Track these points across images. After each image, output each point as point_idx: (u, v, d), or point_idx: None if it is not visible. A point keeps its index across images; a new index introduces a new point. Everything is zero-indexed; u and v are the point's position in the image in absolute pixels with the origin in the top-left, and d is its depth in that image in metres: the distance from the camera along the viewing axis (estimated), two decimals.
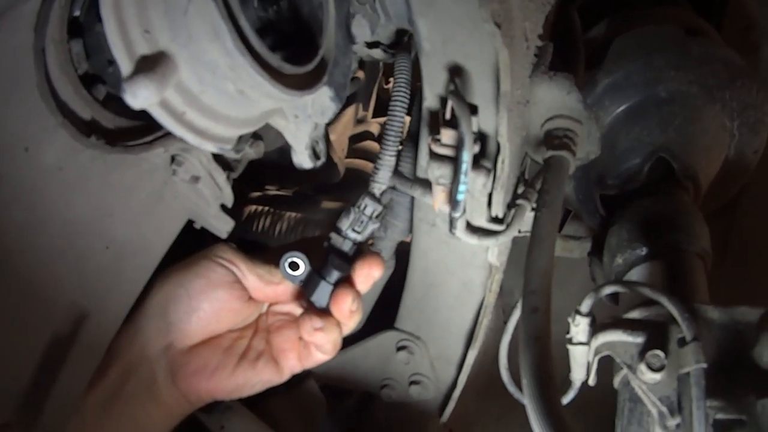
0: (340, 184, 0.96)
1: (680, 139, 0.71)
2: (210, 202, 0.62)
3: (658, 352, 0.49)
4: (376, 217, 0.59)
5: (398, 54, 0.61)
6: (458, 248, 0.67)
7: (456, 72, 0.53)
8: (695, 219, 0.65)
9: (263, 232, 0.93)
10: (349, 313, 0.59)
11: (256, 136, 0.66)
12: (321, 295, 0.59)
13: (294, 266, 0.59)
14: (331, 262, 0.59)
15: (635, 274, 0.62)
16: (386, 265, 0.73)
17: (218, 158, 0.61)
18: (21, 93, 0.44)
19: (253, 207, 0.95)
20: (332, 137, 0.94)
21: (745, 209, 0.93)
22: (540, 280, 0.46)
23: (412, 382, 0.77)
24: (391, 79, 0.93)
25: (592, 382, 0.57)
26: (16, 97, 0.44)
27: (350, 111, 1.02)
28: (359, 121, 1.02)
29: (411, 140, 0.69)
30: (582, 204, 0.77)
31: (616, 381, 0.55)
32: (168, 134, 0.54)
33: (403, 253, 0.76)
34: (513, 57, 0.48)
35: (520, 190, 0.60)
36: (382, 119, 1.00)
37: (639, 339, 0.51)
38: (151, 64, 0.40)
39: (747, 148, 0.79)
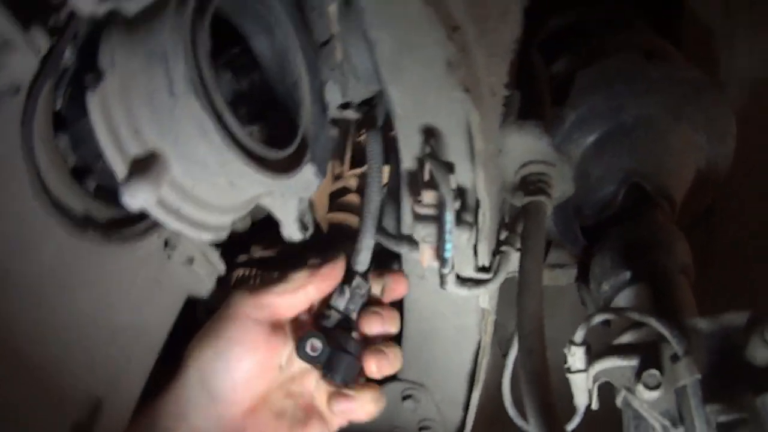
0: (323, 238, 1.01)
1: (650, 162, 0.78)
2: (205, 281, 0.67)
3: (653, 371, 0.54)
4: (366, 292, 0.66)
5: (368, 135, 0.68)
6: (449, 297, 0.72)
7: (430, 133, 0.58)
8: (673, 236, 0.72)
9: None
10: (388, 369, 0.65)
11: None
12: (349, 369, 0.64)
13: (313, 348, 0.63)
14: (343, 337, 0.64)
15: (622, 299, 0.68)
16: None
17: None
18: (13, 192, 0.47)
19: (241, 271, 1.00)
20: (312, 197, 1.00)
21: (722, 216, 1.00)
22: (532, 323, 0.52)
23: (421, 428, 0.81)
24: (363, 134, 1.00)
25: (594, 406, 0.62)
26: (9, 197, 0.47)
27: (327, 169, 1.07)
28: (337, 177, 1.07)
29: (391, 197, 0.74)
30: (563, 235, 0.83)
31: (618, 401, 0.60)
32: (157, 224, 0.59)
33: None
34: (483, 115, 0.54)
35: (502, 236, 0.66)
36: (358, 171, 1.06)
37: (633, 362, 0.57)
38: (144, 165, 0.44)
39: (717, 158, 0.85)
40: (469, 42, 0.51)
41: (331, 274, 0.65)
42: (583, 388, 0.63)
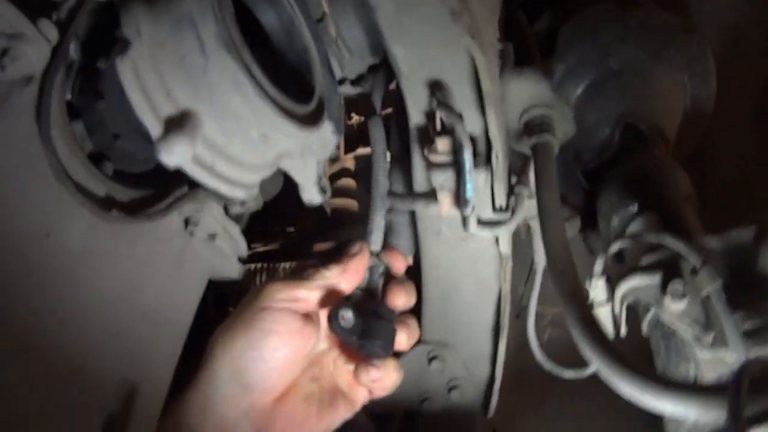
0: (326, 225, 1.03)
1: (640, 103, 0.81)
2: (229, 256, 0.68)
3: (677, 281, 0.57)
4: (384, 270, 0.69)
5: (369, 119, 0.71)
6: (467, 250, 0.75)
7: (435, 86, 0.61)
8: (673, 168, 0.75)
9: None
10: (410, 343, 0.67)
11: None
12: (384, 341, 0.65)
13: (345, 319, 0.64)
14: (373, 306, 0.66)
15: (633, 229, 0.70)
16: None
17: (227, 213, 0.68)
18: (35, 180, 0.49)
19: (246, 267, 1.01)
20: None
21: (711, 162, 1.04)
22: (559, 249, 0.54)
23: (451, 389, 0.83)
24: (354, 116, 1.02)
25: (623, 332, 0.65)
26: (32, 185, 0.49)
27: None
28: (333, 160, 1.10)
29: (397, 163, 0.77)
30: (565, 183, 0.86)
31: (644, 327, 0.63)
32: (180, 198, 0.60)
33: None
34: (487, 61, 0.57)
35: (513, 182, 0.68)
36: (354, 153, 1.08)
37: (656, 278, 0.60)
38: (178, 122, 0.46)
39: (700, 96, 0.89)
40: None
41: (361, 265, 0.67)
42: (609, 321, 0.66)
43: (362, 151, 1.12)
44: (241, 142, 0.50)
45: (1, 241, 0.47)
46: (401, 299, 0.69)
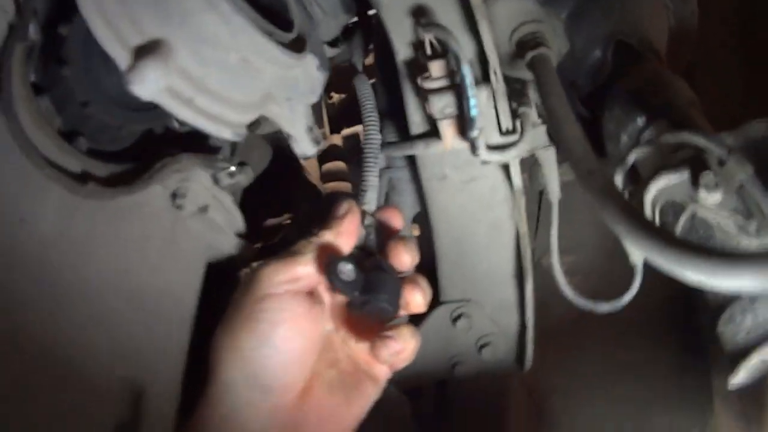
0: (322, 211, 0.99)
1: (627, 20, 0.79)
2: (225, 230, 0.64)
3: (707, 172, 0.54)
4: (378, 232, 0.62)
5: (355, 79, 0.66)
6: (475, 191, 0.71)
7: (419, 12, 0.58)
8: (671, 78, 0.72)
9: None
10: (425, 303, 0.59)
11: (241, 163, 0.69)
12: (391, 295, 0.56)
13: (345, 272, 0.55)
14: (373, 260, 0.58)
15: (646, 138, 0.67)
16: None
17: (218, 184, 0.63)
18: (2, 161, 0.45)
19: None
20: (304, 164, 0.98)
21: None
22: (581, 150, 0.51)
23: (482, 347, 0.79)
24: (334, 95, 0.99)
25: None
26: (9, 167, 0.46)
27: None
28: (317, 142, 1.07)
29: (387, 117, 0.73)
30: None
31: (679, 230, 0.59)
32: (162, 169, 0.55)
33: None
34: None
35: (514, 106, 0.65)
36: (341, 134, 1.05)
37: (685, 174, 0.56)
38: (148, 50, 0.42)
39: (683, 14, 0.88)
40: None
41: (353, 224, 0.61)
42: None
43: (349, 130, 1.09)
44: (220, 72, 0.45)
45: None
46: (404, 256, 0.60)
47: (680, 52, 0.90)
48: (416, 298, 0.59)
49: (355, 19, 0.77)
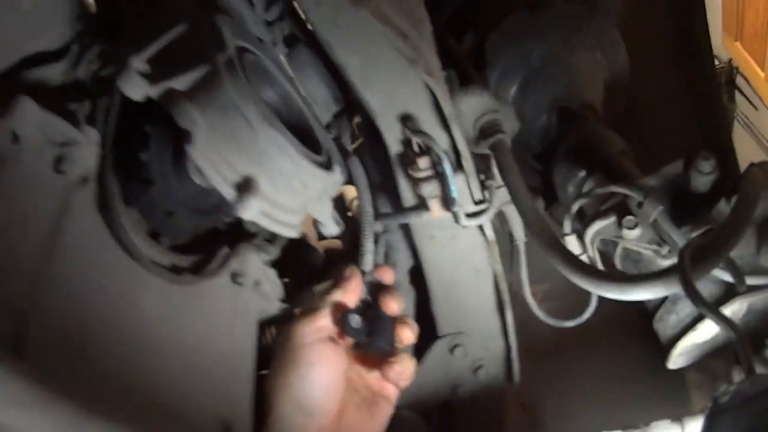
0: (321, 267, 1.35)
1: (565, 87, 1.16)
2: (272, 298, 1.00)
3: (628, 216, 0.91)
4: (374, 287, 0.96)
5: (348, 161, 1.02)
6: (458, 245, 1.08)
7: (406, 119, 0.94)
8: (604, 132, 1.08)
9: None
10: (414, 337, 0.94)
11: (269, 240, 1.05)
12: (387, 336, 0.91)
13: (356, 322, 0.89)
14: (372, 310, 0.93)
15: (586, 189, 1.05)
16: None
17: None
18: (114, 260, 0.72)
19: None
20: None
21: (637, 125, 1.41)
22: (533, 214, 0.88)
23: (476, 369, 1.14)
24: None
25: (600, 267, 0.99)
26: (113, 265, 0.72)
27: None
28: None
29: (378, 190, 1.10)
30: (524, 171, 1.22)
31: (617, 262, 0.97)
32: (228, 256, 0.91)
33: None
34: (442, 90, 0.91)
35: (482, 179, 1.03)
36: None
37: (612, 218, 0.94)
38: (245, 186, 0.74)
39: (616, 65, 1.26)
40: (417, 43, 0.88)
41: (356, 284, 0.94)
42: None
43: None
44: (287, 193, 0.79)
45: (98, 321, 0.70)
46: (392, 304, 0.94)
47: (616, 99, 1.29)
48: (407, 334, 0.94)
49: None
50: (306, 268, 1.29)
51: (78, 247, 0.72)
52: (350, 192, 1.59)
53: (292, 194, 0.80)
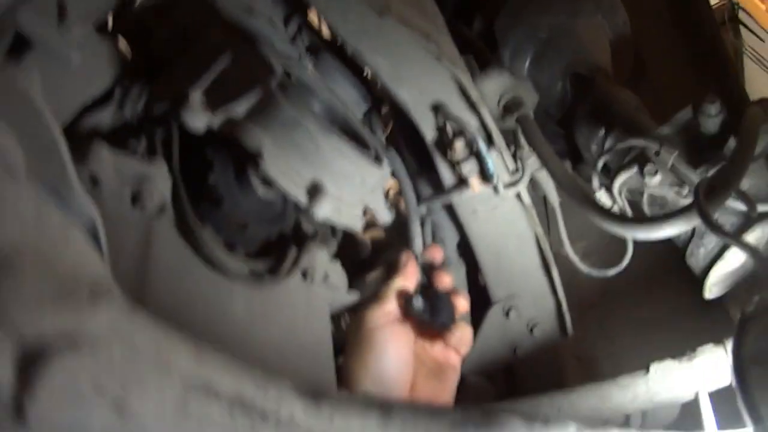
0: (369, 257, 1.47)
1: (576, 53, 1.29)
2: (340, 289, 1.11)
3: (649, 165, 1.03)
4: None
5: (389, 155, 1.14)
6: (499, 215, 1.20)
7: (437, 108, 1.07)
8: (617, 90, 1.22)
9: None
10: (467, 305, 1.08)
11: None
12: (447, 311, 1.04)
13: (419, 303, 1.02)
14: (431, 291, 1.06)
15: (608, 145, 1.17)
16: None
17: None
18: (199, 275, 0.86)
19: None
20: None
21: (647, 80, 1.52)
22: (563, 174, 1.00)
23: (532, 328, 1.27)
24: None
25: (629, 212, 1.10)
26: (198, 280, 0.86)
27: None
28: None
29: (417, 174, 1.21)
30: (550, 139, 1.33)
31: (645, 207, 1.08)
32: (296, 257, 1.03)
33: None
34: (467, 77, 1.03)
35: (512, 151, 1.14)
36: None
37: (634, 169, 1.06)
38: (314, 190, 0.89)
39: (617, 25, 1.38)
40: (438, 39, 0.99)
41: (413, 268, 1.09)
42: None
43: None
44: (349, 189, 0.93)
45: (194, 332, 0.83)
46: (446, 279, 1.08)
47: (623, 58, 1.41)
48: (462, 304, 1.07)
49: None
50: (357, 258, 1.41)
51: (167, 270, 0.84)
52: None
53: (354, 190, 0.93)
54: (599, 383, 1.09)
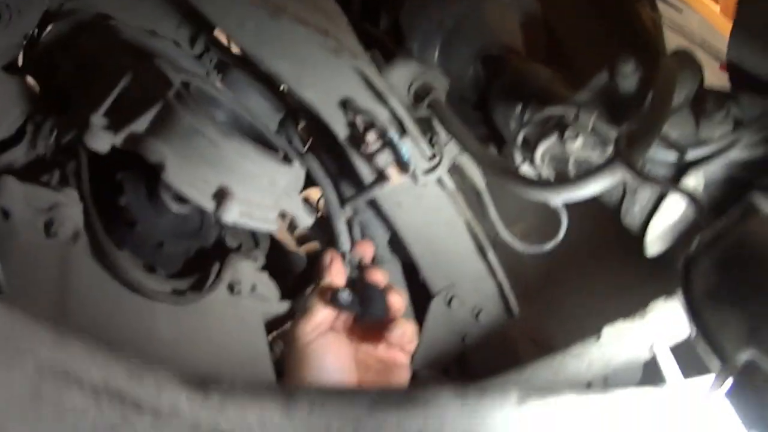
0: (305, 270, 1.47)
1: (483, 36, 1.31)
2: (271, 299, 1.12)
3: (567, 131, 1.04)
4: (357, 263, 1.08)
5: (304, 159, 1.15)
6: (423, 204, 1.21)
7: (344, 104, 1.08)
8: (529, 66, 1.24)
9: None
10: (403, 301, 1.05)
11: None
12: (379, 305, 1.01)
13: (346, 297, 0.98)
14: (360, 284, 1.03)
15: (526, 118, 1.18)
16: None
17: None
18: (120, 299, 0.89)
19: None
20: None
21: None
22: (480, 150, 1.01)
23: (477, 314, 1.27)
24: None
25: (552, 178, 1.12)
26: (120, 304, 0.89)
27: None
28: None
29: (339, 179, 1.22)
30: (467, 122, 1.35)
31: (570, 168, 1.10)
32: (219, 271, 1.03)
33: None
34: (371, 69, 1.04)
35: (428, 137, 1.16)
36: None
37: (554, 136, 1.07)
38: (221, 195, 0.88)
39: (525, 4, 1.40)
40: (337, 35, 1.01)
41: (338, 266, 1.08)
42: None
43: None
44: (258, 191, 0.93)
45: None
46: (377, 275, 1.06)
47: (534, 37, 1.44)
48: (396, 300, 1.04)
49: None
50: (292, 274, 1.41)
51: (86, 297, 0.85)
52: (315, 194, 1.71)
53: (263, 192, 0.93)
54: (551, 356, 1.09)
